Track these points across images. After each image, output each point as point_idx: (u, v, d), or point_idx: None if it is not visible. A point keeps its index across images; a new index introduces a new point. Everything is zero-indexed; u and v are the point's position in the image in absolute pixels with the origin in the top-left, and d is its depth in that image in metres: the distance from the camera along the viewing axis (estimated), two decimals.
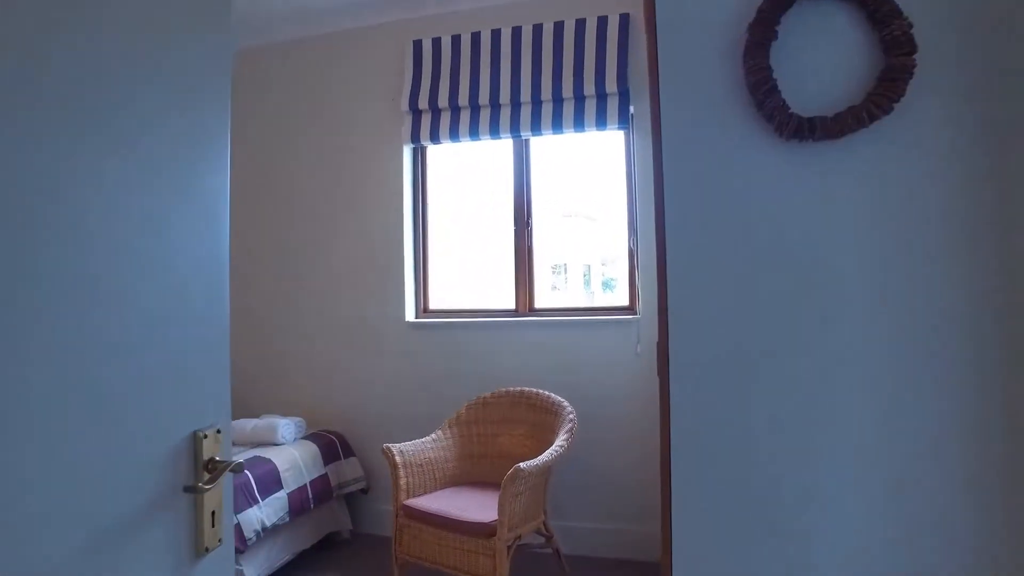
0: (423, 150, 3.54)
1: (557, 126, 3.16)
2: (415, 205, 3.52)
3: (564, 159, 3.50)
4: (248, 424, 3.15)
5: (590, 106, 3.11)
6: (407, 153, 3.47)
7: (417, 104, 3.34)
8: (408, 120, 3.39)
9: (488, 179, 3.64)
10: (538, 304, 3.37)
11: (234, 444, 3.15)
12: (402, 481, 2.60)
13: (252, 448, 3.02)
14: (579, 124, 3.13)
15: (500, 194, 3.47)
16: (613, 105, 3.07)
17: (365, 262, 3.50)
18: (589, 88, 3.09)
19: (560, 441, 2.52)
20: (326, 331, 3.58)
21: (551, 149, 3.45)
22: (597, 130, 3.14)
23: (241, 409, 3.74)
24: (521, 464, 2.27)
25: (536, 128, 3.20)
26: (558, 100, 3.17)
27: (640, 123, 3.08)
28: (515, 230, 3.37)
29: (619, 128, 3.11)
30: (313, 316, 3.60)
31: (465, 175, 3.72)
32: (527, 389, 2.94)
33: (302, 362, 3.63)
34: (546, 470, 2.43)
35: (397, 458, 2.62)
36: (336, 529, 3.30)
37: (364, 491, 3.40)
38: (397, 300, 3.44)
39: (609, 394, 3.09)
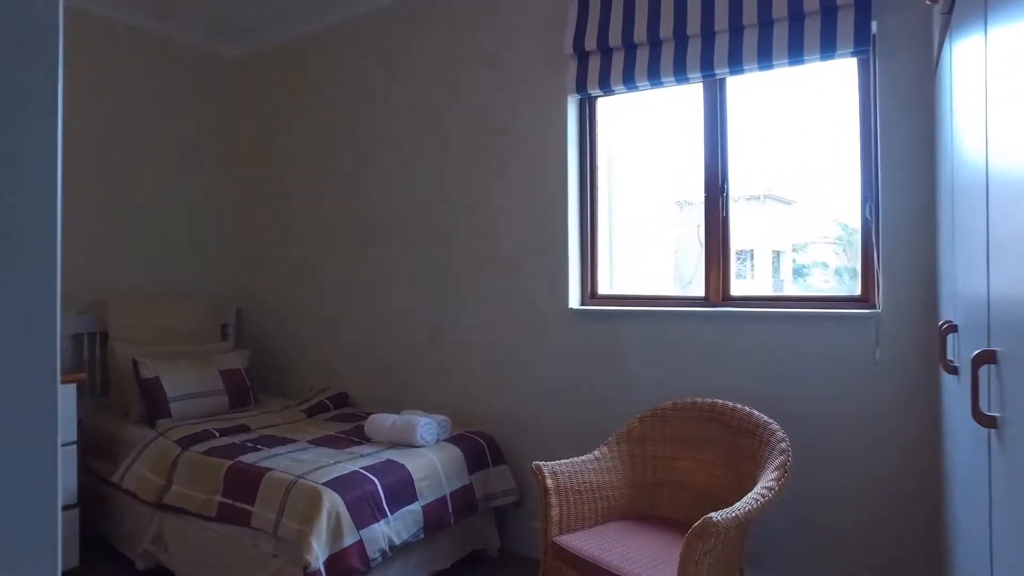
0: (591, 102, 2.94)
1: (764, 58, 2.40)
2: (582, 170, 2.94)
3: (762, 122, 2.71)
4: (387, 421, 2.79)
5: (812, 26, 2.31)
6: (572, 107, 2.90)
7: (583, 44, 2.75)
8: (573, 65, 2.81)
9: (670, 138, 2.96)
10: (734, 292, 2.64)
11: (371, 442, 2.83)
12: (554, 511, 2.05)
13: (388, 449, 2.65)
14: (795, 53, 2.34)
15: (685, 155, 2.78)
16: (846, 21, 2.24)
17: (521, 240, 2.99)
18: (811, 1, 2.29)
19: (768, 480, 1.81)
20: (476, 319, 3.13)
21: (747, 109, 2.68)
22: (821, 59, 2.33)
23: (382, 403, 3.44)
24: (714, 516, 1.61)
25: (736, 63, 2.46)
26: (766, 23, 2.40)
27: (889, 43, 2.22)
28: (706, 198, 2.66)
29: (854, 54, 2.28)
30: (461, 302, 3.18)
31: (641, 133, 3.07)
32: (720, 402, 2.24)
33: (448, 353, 3.22)
34: (747, 520, 1.74)
35: (549, 481, 2.07)
36: (481, 547, 2.85)
37: (516, 504, 2.92)
38: (559, 284, 2.89)
39: (832, 414, 2.30)
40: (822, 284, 2.90)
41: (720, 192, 2.63)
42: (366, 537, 2.19)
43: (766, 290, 3.01)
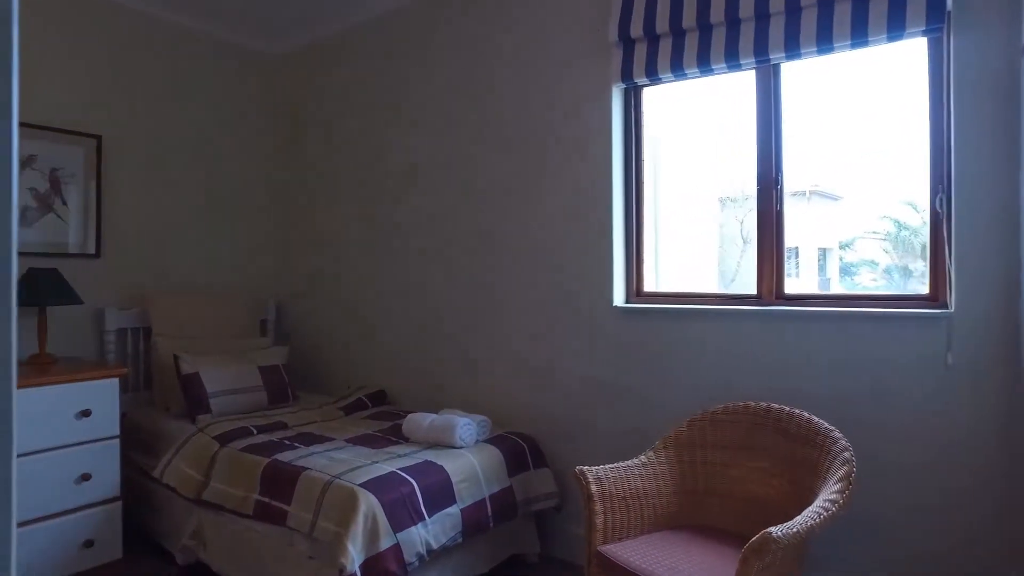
0: (637, 92, 2.82)
1: (824, 41, 2.25)
2: (627, 163, 2.82)
3: (818, 114, 2.55)
4: (425, 420, 2.73)
5: (878, 4, 2.15)
6: (616, 97, 2.78)
7: (629, 31, 2.63)
8: (618, 54, 2.69)
9: (715, 129, 2.83)
10: (788, 290, 2.49)
11: (408, 442, 2.77)
12: (598, 519, 1.95)
13: (425, 449, 2.58)
14: (859, 34, 2.18)
15: (732, 147, 2.64)
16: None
17: (564, 236, 2.89)
18: None
19: (831, 493, 1.68)
20: (517, 318, 3.05)
21: (802, 103, 2.53)
22: (887, 40, 2.17)
23: (420, 402, 3.39)
24: (773, 531, 1.49)
25: (792, 47, 2.31)
26: (826, 2, 2.25)
27: (967, 20, 2.05)
28: (759, 191, 2.52)
29: (925, 33, 2.11)
30: (501, 300, 3.10)
31: (686, 124, 2.94)
32: (776, 406, 2.11)
33: (488, 352, 3.15)
34: (808, 535, 1.62)
35: (593, 487, 1.97)
36: (521, 551, 2.77)
37: (557, 509, 2.83)
38: (603, 281, 2.78)
39: (898, 420, 2.14)
40: (869, 282, 2.74)
41: (774, 185, 2.49)
42: (403, 540, 2.12)
43: (812, 289, 2.85)
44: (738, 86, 2.60)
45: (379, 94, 3.60)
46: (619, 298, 2.79)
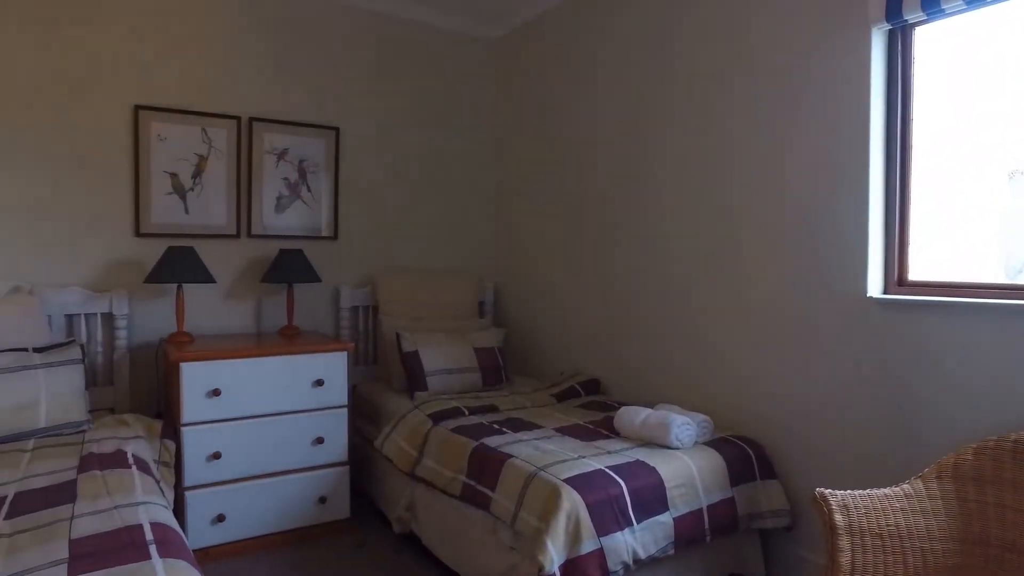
0: (906, 33, 2.28)
1: None
2: (889, 124, 2.31)
3: None
4: (638, 415, 2.52)
5: None
6: (877, 41, 2.28)
7: None
8: None
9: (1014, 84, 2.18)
10: None
11: (619, 437, 2.57)
12: (843, 556, 1.58)
13: (637, 447, 2.37)
14: None
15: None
16: None
17: (803, 212, 2.47)
18: None
19: None
20: (745, 307, 2.69)
21: None
22: None
23: (634, 394, 3.17)
24: None
25: None
26: None
27: None
28: None
29: None
30: (732, 286, 2.75)
31: (970, 74, 2.31)
32: None
33: (710, 344, 2.82)
34: None
35: (838, 517, 1.61)
36: (741, 572, 2.45)
37: (787, 529, 2.45)
38: (854, 266, 2.32)
39: None
40: None
41: None
42: (607, 546, 1.95)
43: None
44: None
45: (598, 70, 3.42)
46: (875, 288, 2.30)
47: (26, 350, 2.51)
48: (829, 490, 1.67)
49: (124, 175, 3.05)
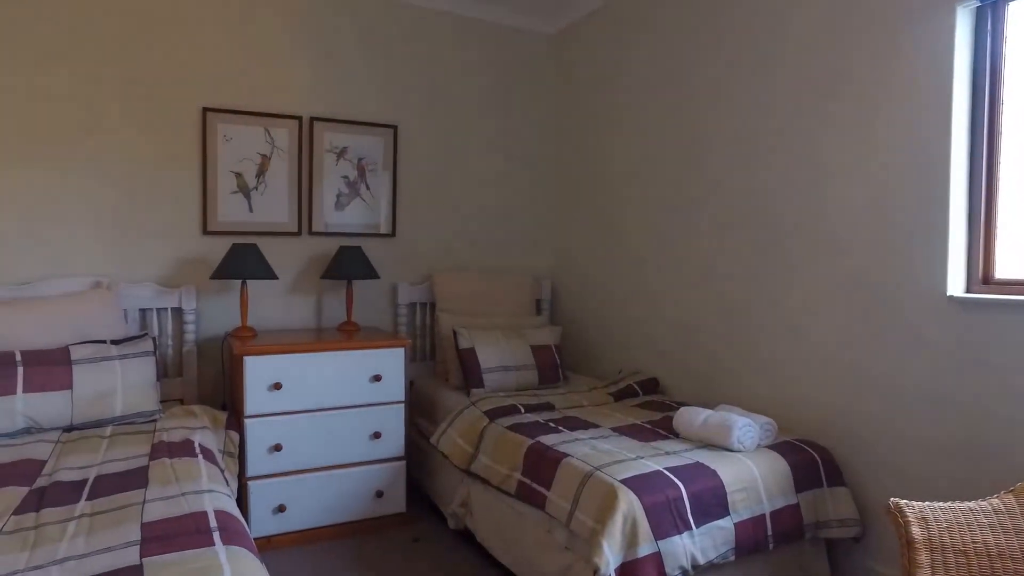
0: (996, 9, 2.13)
1: None
2: (974, 108, 2.16)
3: None
4: (698, 416, 2.44)
5: None
6: (962, 19, 2.13)
7: None
8: None
9: None
10: None
11: (678, 439, 2.48)
12: (923, 572, 1.49)
13: (697, 449, 2.30)
14: None
15: None
16: None
17: (876, 204, 2.34)
18: None
19: None
20: (810, 305, 2.57)
21: None
22: None
23: (695, 395, 3.09)
24: None
25: None
26: None
27: None
28: None
29: None
30: (798, 282, 2.64)
31: None
32: None
33: (774, 344, 2.72)
34: None
35: (916, 530, 1.51)
36: None
37: (856, 539, 2.34)
38: (932, 263, 2.18)
39: None
40: None
41: None
42: (665, 550, 1.89)
43: None
44: None
45: (657, 65, 3.34)
46: (957, 286, 2.16)
47: (104, 342, 2.64)
48: (905, 500, 1.57)
49: (193, 175, 3.16)
